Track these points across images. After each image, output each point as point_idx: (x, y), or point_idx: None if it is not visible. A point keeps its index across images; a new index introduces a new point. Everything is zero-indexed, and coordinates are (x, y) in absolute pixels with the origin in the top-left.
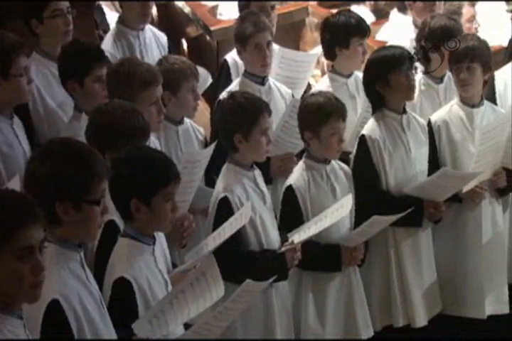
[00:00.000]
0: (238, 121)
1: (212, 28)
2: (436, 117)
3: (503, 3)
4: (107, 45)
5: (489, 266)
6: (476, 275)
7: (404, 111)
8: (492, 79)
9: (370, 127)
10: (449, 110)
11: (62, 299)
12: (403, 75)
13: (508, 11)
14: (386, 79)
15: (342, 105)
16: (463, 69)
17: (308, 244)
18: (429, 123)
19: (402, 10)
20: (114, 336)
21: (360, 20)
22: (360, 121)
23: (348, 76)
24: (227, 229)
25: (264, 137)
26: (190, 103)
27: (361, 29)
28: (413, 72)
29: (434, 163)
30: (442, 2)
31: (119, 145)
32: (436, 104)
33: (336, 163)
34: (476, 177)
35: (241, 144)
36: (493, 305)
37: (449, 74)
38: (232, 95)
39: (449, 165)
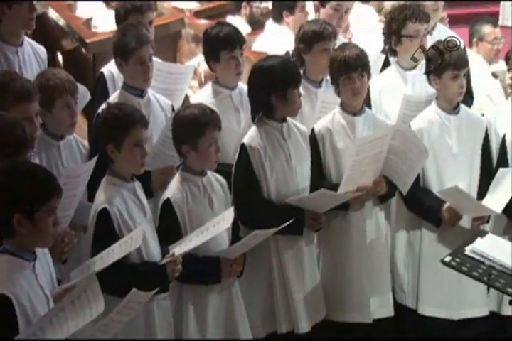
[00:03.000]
0: (110, 131)
1: (88, 41)
2: (319, 126)
3: (375, 12)
4: None
5: (373, 271)
6: (360, 281)
7: (285, 120)
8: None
9: (250, 136)
10: (331, 119)
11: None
12: (298, 90)
13: (380, 21)
14: (285, 91)
15: (217, 115)
16: (355, 78)
17: (187, 258)
18: (313, 131)
19: (278, 20)
20: None
21: (231, 33)
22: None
23: (233, 88)
24: (117, 251)
25: (138, 149)
26: (66, 120)
27: (230, 42)
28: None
29: (318, 171)
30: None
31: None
32: (315, 108)
33: (211, 175)
34: (350, 198)
35: (114, 155)
36: (378, 309)
37: (326, 78)
38: (108, 106)
39: (333, 172)
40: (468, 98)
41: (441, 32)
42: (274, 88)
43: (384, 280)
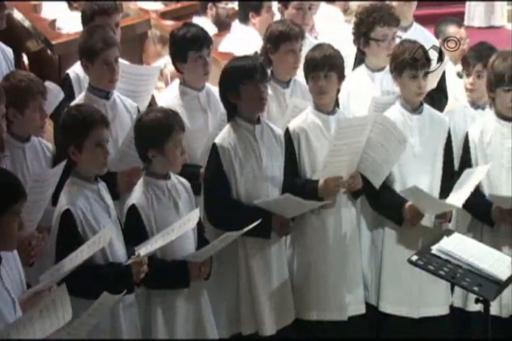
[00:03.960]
0: (71, 133)
1: (53, 42)
2: (294, 125)
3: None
4: None
5: (347, 268)
6: (335, 278)
7: (259, 121)
8: None
9: (222, 136)
10: (305, 118)
11: None
12: (254, 87)
13: (346, 21)
14: (237, 90)
15: (180, 117)
16: (320, 78)
17: (155, 262)
18: (287, 131)
19: (244, 21)
20: None
21: (198, 34)
22: (215, 134)
23: (200, 89)
24: (85, 252)
25: (99, 149)
26: (37, 122)
27: (197, 42)
28: (265, 83)
29: (293, 170)
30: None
31: None
32: (283, 108)
33: (175, 178)
34: (317, 206)
35: (76, 156)
36: (352, 306)
37: (294, 78)
38: (68, 108)
39: (308, 171)
40: (443, 98)
41: (418, 32)
42: (227, 87)
43: (356, 277)
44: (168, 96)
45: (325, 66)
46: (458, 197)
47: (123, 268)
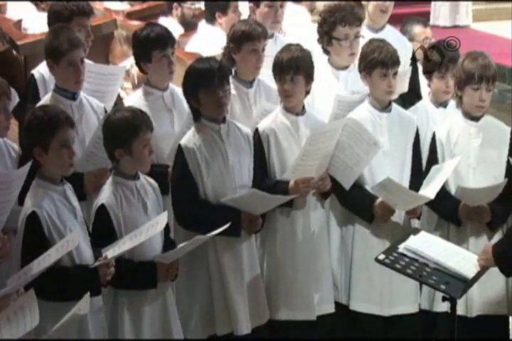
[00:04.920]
0: (36, 134)
1: (19, 43)
2: (263, 126)
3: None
4: None
5: (316, 268)
6: (305, 278)
7: (224, 121)
8: None
9: (187, 136)
10: (274, 118)
11: None
12: (212, 92)
13: (313, 21)
14: (196, 95)
15: (148, 116)
16: (287, 80)
17: (122, 262)
18: (257, 131)
19: (211, 21)
20: None
21: (162, 33)
22: (182, 135)
23: (164, 89)
24: (53, 255)
25: (65, 149)
26: (2, 122)
27: (162, 41)
28: (225, 87)
29: (263, 170)
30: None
31: None
32: (246, 108)
33: (143, 178)
34: (284, 201)
35: (41, 158)
36: (321, 306)
37: (258, 78)
38: (33, 109)
39: (278, 172)
40: (415, 98)
41: (390, 33)
42: (187, 92)
43: (326, 276)
44: (133, 97)
45: (291, 69)
46: (429, 189)
47: (90, 271)
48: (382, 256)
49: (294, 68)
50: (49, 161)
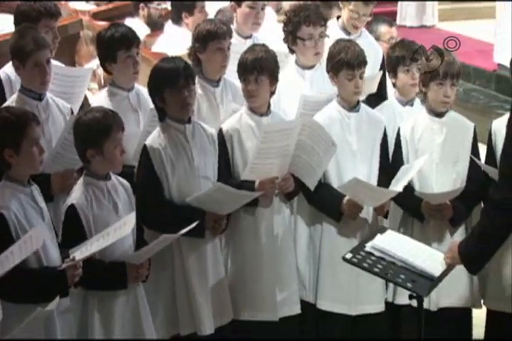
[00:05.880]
0: (5, 135)
1: None
2: (227, 126)
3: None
4: None
5: (281, 268)
6: (268, 279)
7: (189, 121)
8: None
9: (152, 137)
10: (239, 118)
11: None
12: (177, 93)
13: (279, 21)
14: (162, 95)
15: (119, 116)
16: (251, 81)
17: (92, 263)
18: (221, 131)
19: (177, 21)
20: None
21: (127, 33)
22: (145, 134)
23: (129, 89)
24: (16, 253)
25: (35, 147)
26: None
27: (127, 41)
28: (191, 87)
29: (227, 170)
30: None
31: None
32: (213, 107)
33: (115, 179)
34: (250, 198)
35: (12, 159)
36: (286, 307)
37: (224, 77)
38: None
39: (241, 172)
40: (381, 99)
41: (363, 35)
42: (152, 92)
43: (291, 277)
44: (99, 98)
45: (255, 69)
46: (397, 184)
47: (57, 272)
48: (349, 255)
49: (258, 69)
50: (21, 161)
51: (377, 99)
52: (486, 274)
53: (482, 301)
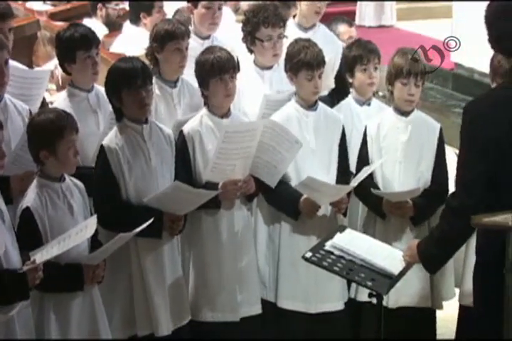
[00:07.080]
0: None
1: None
2: (188, 128)
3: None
4: None
5: (241, 269)
6: (228, 279)
7: (146, 121)
8: None
9: (110, 137)
10: (199, 120)
11: None
12: (134, 93)
13: (237, 21)
14: (119, 95)
15: (72, 118)
16: (227, 80)
17: (48, 265)
18: (182, 133)
19: (135, 22)
20: None
21: (86, 34)
22: (105, 135)
23: (89, 90)
24: None
25: None
26: None
27: (86, 42)
28: (148, 87)
29: (187, 172)
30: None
31: None
32: (171, 108)
33: (69, 180)
34: (208, 197)
35: None
36: (247, 307)
37: (182, 77)
38: None
39: (202, 173)
40: (344, 95)
41: (320, 31)
42: (110, 92)
43: (252, 278)
44: (58, 99)
45: (230, 68)
46: (355, 182)
47: (18, 275)
48: (309, 254)
49: (232, 67)
50: None
51: (339, 95)
52: (458, 273)
53: (458, 298)
